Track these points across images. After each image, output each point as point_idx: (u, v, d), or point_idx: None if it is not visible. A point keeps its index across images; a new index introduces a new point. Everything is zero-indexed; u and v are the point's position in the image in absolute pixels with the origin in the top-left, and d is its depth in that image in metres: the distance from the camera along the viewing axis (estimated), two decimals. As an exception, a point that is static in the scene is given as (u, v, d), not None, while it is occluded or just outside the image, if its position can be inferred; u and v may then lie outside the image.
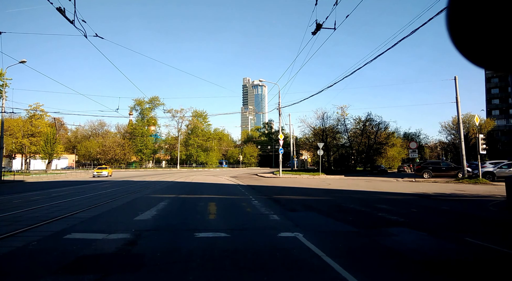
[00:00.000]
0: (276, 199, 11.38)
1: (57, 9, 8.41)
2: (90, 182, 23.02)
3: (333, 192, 14.52)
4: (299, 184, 19.40)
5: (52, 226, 6.13)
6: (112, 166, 56.71)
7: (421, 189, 15.55)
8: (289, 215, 7.62)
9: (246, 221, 6.90)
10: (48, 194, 13.02)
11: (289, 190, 15.85)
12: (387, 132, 39.26)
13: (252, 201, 10.38)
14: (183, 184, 19.58)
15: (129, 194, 13.02)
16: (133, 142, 61.41)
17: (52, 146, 39.43)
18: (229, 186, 18.09)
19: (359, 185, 18.29)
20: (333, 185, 18.14)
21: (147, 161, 66.48)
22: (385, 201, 11.15)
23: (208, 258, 4.08)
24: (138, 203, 10.12)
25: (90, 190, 14.99)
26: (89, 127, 71.75)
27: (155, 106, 64.32)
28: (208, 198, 11.29)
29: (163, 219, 7.11)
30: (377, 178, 25.72)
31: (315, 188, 16.31)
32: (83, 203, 9.68)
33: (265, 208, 8.68)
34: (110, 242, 4.91)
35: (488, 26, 0.92)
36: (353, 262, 3.91)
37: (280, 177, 27.38)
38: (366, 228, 6.22)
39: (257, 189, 15.69)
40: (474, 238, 5.31)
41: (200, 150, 67.80)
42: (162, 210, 8.35)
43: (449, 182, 19.72)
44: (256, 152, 75.00)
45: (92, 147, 59.67)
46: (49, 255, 4.25)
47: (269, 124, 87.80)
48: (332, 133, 38.48)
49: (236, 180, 23.97)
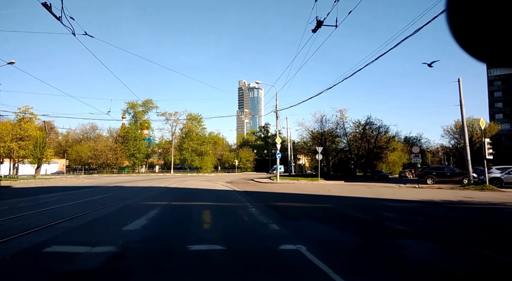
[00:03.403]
0: (274, 206, 10.88)
1: (42, 4, 7.90)
2: (80, 187, 22.27)
3: (334, 198, 14.06)
4: (298, 190, 18.92)
5: (32, 237, 5.58)
6: (104, 171, 55.70)
7: (426, 195, 15.16)
8: (290, 224, 7.13)
9: (243, 231, 6.40)
10: (34, 201, 12.33)
11: (288, 196, 15.36)
12: (388, 136, 38.89)
13: (249, 208, 9.87)
14: (177, 190, 18.97)
15: (119, 200, 12.41)
16: (125, 146, 60.10)
17: (41, 150, 38.36)
18: (225, 192, 17.54)
19: (360, 191, 17.87)
20: (333, 191, 17.69)
21: (140, 166, 65.12)
22: (389, 208, 10.73)
23: (202, 276, 3.58)
24: (128, 211, 9.54)
25: (78, 197, 14.33)
26: (80, 131, 70.64)
27: (149, 109, 63.25)
28: (203, 205, 10.75)
29: (153, 229, 6.57)
30: (379, 184, 25.35)
31: (315, 194, 15.85)
32: (69, 211, 9.07)
33: (263, 216, 8.17)
34: (94, 256, 4.42)
35: (488, 20, 0.91)
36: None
37: (278, 183, 26.86)
38: (373, 239, 5.75)
39: (254, 195, 15.18)
40: (496, 252, 4.87)
41: (194, 154, 66.79)
42: (153, 218, 7.80)
43: (454, 188, 19.35)
44: (252, 156, 74.21)
45: (83, 151, 58.44)
46: (23, 272, 3.77)
47: (266, 128, 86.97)
48: (331, 137, 38.00)
49: (232, 185, 23.41)
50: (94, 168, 57.35)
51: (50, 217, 7.90)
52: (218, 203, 11.79)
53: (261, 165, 70.76)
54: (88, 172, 56.04)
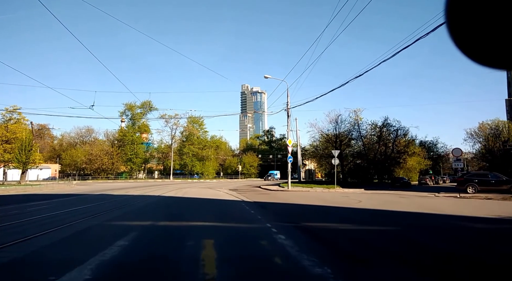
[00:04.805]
0: (309, 229, 7.36)
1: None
2: (60, 196, 18.84)
3: (378, 215, 10.49)
4: (320, 200, 15.35)
5: None
6: (99, 177, 52.13)
7: (489, 209, 11.61)
8: (364, 277, 3.63)
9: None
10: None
11: (314, 211, 11.81)
12: (407, 139, 35.15)
13: (273, 233, 6.34)
14: (171, 201, 15.47)
15: (89, 217, 8.90)
16: (122, 150, 56.23)
17: (27, 153, 34.83)
18: (231, 203, 14.01)
19: (400, 203, 14.26)
20: (365, 203, 14.08)
21: (138, 171, 61.19)
22: (476, 232, 7.21)
23: None
24: (84, 239, 6.06)
25: (40, 211, 10.82)
26: (75, 135, 66.90)
27: (147, 111, 59.44)
28: (202, 229, 7.24)
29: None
30: (407, 193, 21.72)
31: (347, 208, 12.28)
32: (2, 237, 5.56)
33: (305, 253, 4.63)
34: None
35: (487, 25, 0.89)
36: None
37: (290, 190, 23.28)
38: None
39: (270, 209, 11.69)
40: None
41: (195, 159, 62.86)
42: (116, 259, 4.31)
43: (507, 198, 15.73)
44: (257, 161, 69.99)
45: (78, 155, 54.80)
46: None
47: (270, 132, 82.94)
48: (347, 139, 34.28)
49: (237, 194, 19.85)
50: (89, 174, 53.71)
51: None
52: (226, 223, 8.24)
53: (266, 170, 66.64)
54: (82, 178, 52.54)
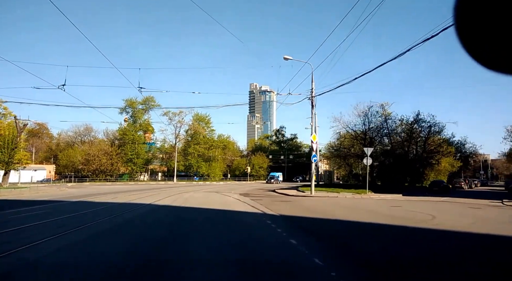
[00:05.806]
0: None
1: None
2: (40, 202, 14.93)
3: (488, 247, 6.21)
4: (371, 214, 11.09)
5: None
6: (97, 178, 48.37)
7: None
8: None
9: None
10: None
11: (377, 233, 7.55)
12: (441, 137, 30.60)
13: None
14: (165, 212, 11.39)
15: (21, 248, 4.81)
16: (122, 150, 52.27)
17: (10, 152, 31.18)
18: (250, 220, 9.80)
19: (474, 216, 10.04)
20: (442, 219, 9.75)
21: (139, 173, 57.14)
22: None
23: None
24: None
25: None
26: (73, 134, 62.96)
27: (150, 108, 55.38)
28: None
29: None
30: (460, 199, 17.43)
31: (421, 228, 7.95)
32: None
33: None
34: None
35: (496, 30, 0.88)
36: None
37: (314, 196, 19.01)
38: None
39: (314, 233, 7.46)
40: None
41: (201, 160, 58.53)
42: None
43: None
44: (266, 162, 65.14)
45: (75, 156, 51.09)
46: None
47: (280, 131, 77.98)
48: (379, 136, 29.79)
49: (252, 201, 15.67)
50: (86, 175, 49.94)
51: None
52: (248, 273, 4.03)
53: (276, 172, 62.30)
54: (79, 180, 48.84)
